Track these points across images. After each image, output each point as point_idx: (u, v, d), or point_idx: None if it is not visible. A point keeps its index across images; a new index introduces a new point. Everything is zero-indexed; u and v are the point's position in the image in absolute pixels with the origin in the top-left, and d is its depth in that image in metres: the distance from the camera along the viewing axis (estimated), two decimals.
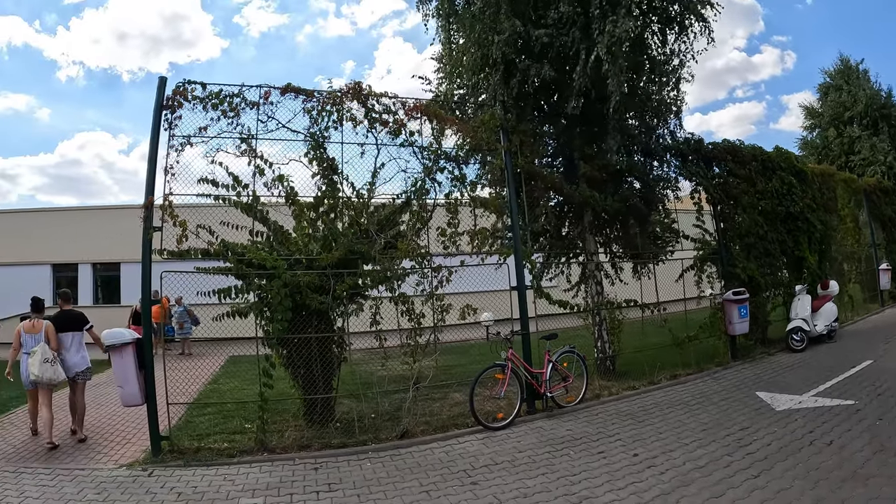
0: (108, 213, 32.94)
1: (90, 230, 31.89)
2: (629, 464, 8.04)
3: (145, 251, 9.69)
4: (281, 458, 9.24)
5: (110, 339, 9.63)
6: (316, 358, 10.24)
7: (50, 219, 33.44)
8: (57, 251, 32.34)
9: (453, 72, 14.80)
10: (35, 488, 8.28)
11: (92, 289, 32.60)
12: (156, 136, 9.91)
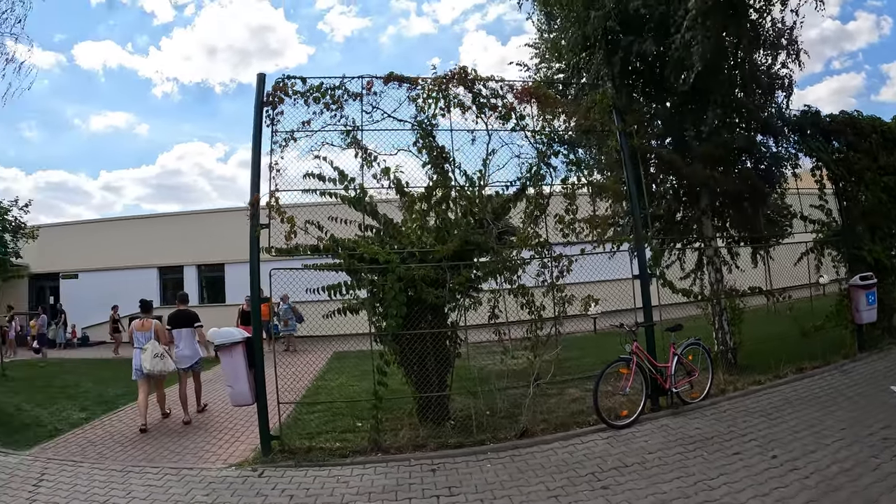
0: (211, 217, 34.29)
1: (194, 234, 33.04)
2: (769, 466, 7.31)
3: (253, 249, 9.50)
4: (395, 458, 8.78)
5: (220, 338, 9.43)
6: (430, 354, 9.75)
7: (155, 224, 34.80)
8: (163, 255, 33.52)
9: (552, 55, 14.29)
10: (142, 488, 8.10)
11: (197, 289, 33.03)
12: (258, 134, 9.67)
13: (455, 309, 10.09)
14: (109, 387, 16.91)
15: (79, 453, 10.13)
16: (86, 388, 16.87)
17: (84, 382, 18.05)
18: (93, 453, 10.11)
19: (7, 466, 9.45)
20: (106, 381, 18.30)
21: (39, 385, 18.03)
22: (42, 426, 12.18)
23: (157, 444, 10.60)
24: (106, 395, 15.72)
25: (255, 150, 9.59)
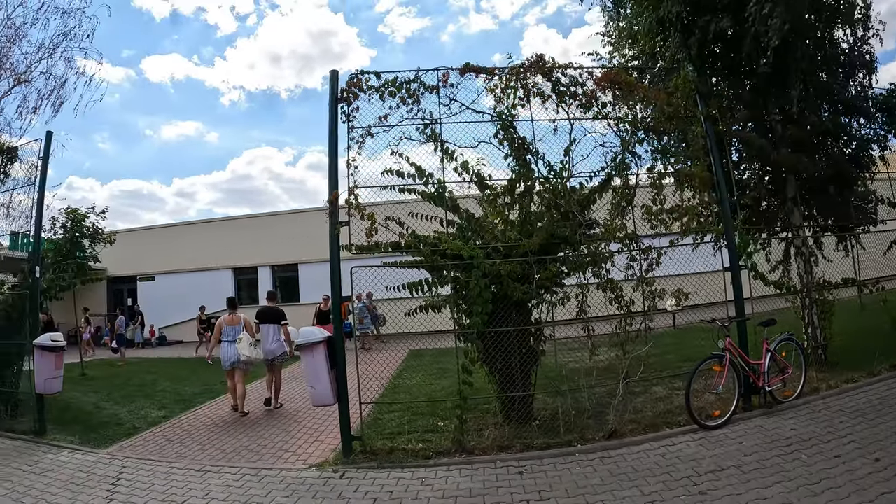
0: (284, 218, 34.85)
1: (268, 235, 33.56)
2: (872, 471, 6.72)
3: (333, 248, 9.20)
4: (481, 460, 8.39)
5: (302, 338, 9.28)
6: (514, 352, 9.32)
7: (229, 227, 35.59)
8: (238, 256, 34.24)
9: (624, 42, 13.98)
10: (221, 488, 7.96)
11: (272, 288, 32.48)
12: (334, 131, 9.43)
13: (538, 305, 9.66)
14: (187, 385, 17.05)
15: (157, 452, 10.08)
16: (163, 387, 16.93)
17: (161, 381, 18.16)
18: (171, 452, 10.04)
19: (85, 465, 9.41)
20: (183, 379, 18.50)
21: (118, 384, 18.16)
22: (120, 424, 12.18)
23: (236, 442, 10.47)
24: (183, 393, 15.76)
25: (332, 148, 9.38)
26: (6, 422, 12.26)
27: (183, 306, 34.10)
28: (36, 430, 11.42)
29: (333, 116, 9.42)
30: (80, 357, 21.72)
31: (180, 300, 34.32)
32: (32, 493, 8.09)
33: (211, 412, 13.28)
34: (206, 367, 21.15)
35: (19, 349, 12.61)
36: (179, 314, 34.77)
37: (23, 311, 12.54)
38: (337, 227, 9.12)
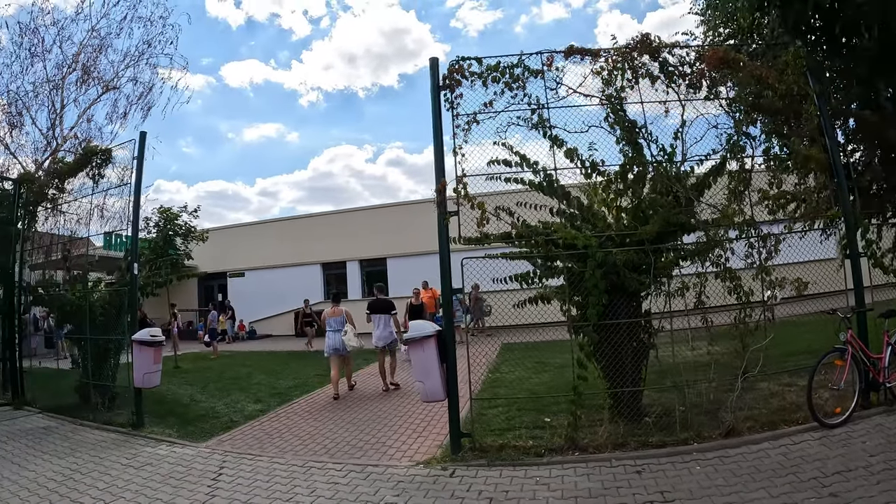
0: (372, 213, 34.88)
1: (355, 230, 33.71)
2: None
3: (442, 238, 8.84)
4: (595, 458, 7.87)
5: (412, 332, 8.96)
6: (626, 345, 8.83)
7: (317, 223, 35.96)
8: (326, 252, 34.57)
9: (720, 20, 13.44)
10: (326, 486, 7.64)
11: (360, 284, 33.80)
12: (438, 119, 9.10)
13: (652, 296, 9.14)
14: (281, 378, 17.00)
15: (257, 446, 9.89)
16: (258, 380, 16.90)
17: (255, 374, 18.16)
18: (271, 446, 9.84)
19: (184, 459, 9.27)
20: (276, 373, 18.44)
21: (211, 377, 18.24)
22: (217, 417, 12.11)
23: (337, 437, 10.21)
24: (278, 386, 15.66)
25: (437, 136, 9.05)
26: (104, 414, 12.27)
27: (272, 301, 35.01)
28: (133, 422, 11.37)
29: (436, 105, 9.08)
30: (173, 351, 22.01)
31: (270, 295, 35.03)
32: (132, 487, 7.93)
33: (308, 405, 13.11)
34: (298, 360, 21.44)
35: (117, 344, 12.70)
36: (269, 309, 35.55)
37: (120, 307, 12.53)
38: (446, 217, 8.79)
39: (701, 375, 9.08)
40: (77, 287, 13.90)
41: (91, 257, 15.14)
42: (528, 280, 8.85)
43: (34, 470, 8.92)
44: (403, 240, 31.99)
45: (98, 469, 8.82)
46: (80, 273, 14.63)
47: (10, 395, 14.64)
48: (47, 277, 15.26)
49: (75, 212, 14.44)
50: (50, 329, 23.93)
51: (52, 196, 15.01)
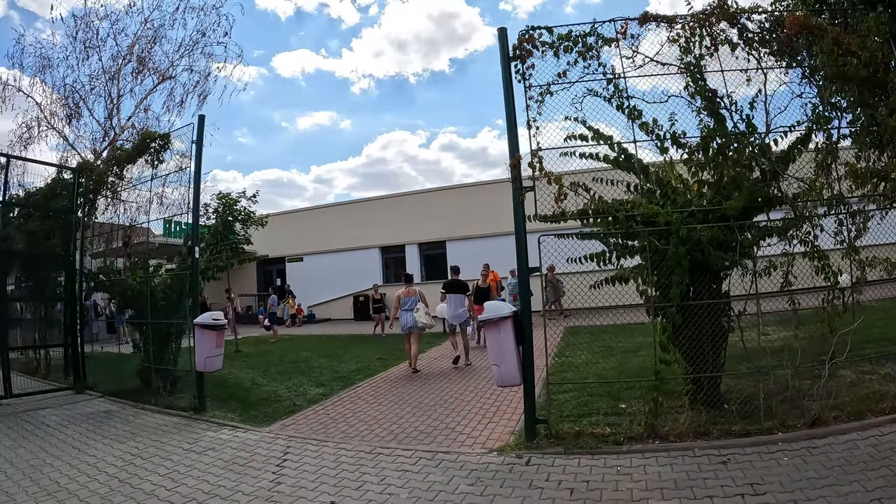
0: (431, 196, 34.75)
1: (414, 213, 33.62)
2: None
3: (518, 216, 8.40)
4: (677, 447, 7.37)
5: (488, 313, 8.42)
6: (706, 328, 8.24)
7: (375, 207, 35.91)
8: (385, 235, 34.48)
9: None
10: (396, 473, 7.29)
11: (419, 267, 33.50)
12: (509, 91, 8.60)
13: (737, 276, 8.51)
14: (342, 362, 16.77)
15: (321, 431, 9.61)
16: (318, 364, 16.69)
17: (316, 358, 17.95)
18: (336, 431, 9.55)
19: (247, 444, 9.03)
20: (337, 356, 18.21)
21: (272, 361, 18.12)
22: (279, 401, 11.88)
23: (404, 422, 9.89)
24: (340, 370, 15.43)
25: (509, 109, 8.59)
26: (165, 398, 12.22)
27: (330, 285, 35.27)
28: (195, 406, 11.23)
29: (507, 77, 8.59)
30: (233, 334, 21.97)
31: (328, 279, 35.28)
32: (194, 473, 7.72)
33: (372, 389, 12.83)
34: (359, 344, 21.32)
35: (178, 328, 12.66)
36: (327, 293, 35.71)
37: (181, 291, 12.51)
38: (522, 193, 8.33)
39: (777, 361, 8.46)
40: (138, 272, 13.86)
41: (151, 244, 15.10)
42: (605, 260, 8.38)
43: (94, 454, 8.77)
44: (463, 223, 31.81)
45: (159, 454, 8.64)
46: (140, 259, 14.54)
47: (72, 380, 14.69)
48: (108, 264, 15.20)
49: (135, 200, 14.45)
50: (112, 314, 24.14)
51: (111, 184, 15.05)
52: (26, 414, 11.88)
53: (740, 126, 8.41)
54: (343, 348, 20.57)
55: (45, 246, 15.35)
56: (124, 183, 14.71)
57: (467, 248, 31.01)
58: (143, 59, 23.36)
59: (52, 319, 16.03)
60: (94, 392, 13.94)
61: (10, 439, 9.91)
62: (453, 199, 33.36)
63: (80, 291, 15.10)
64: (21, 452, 9.05)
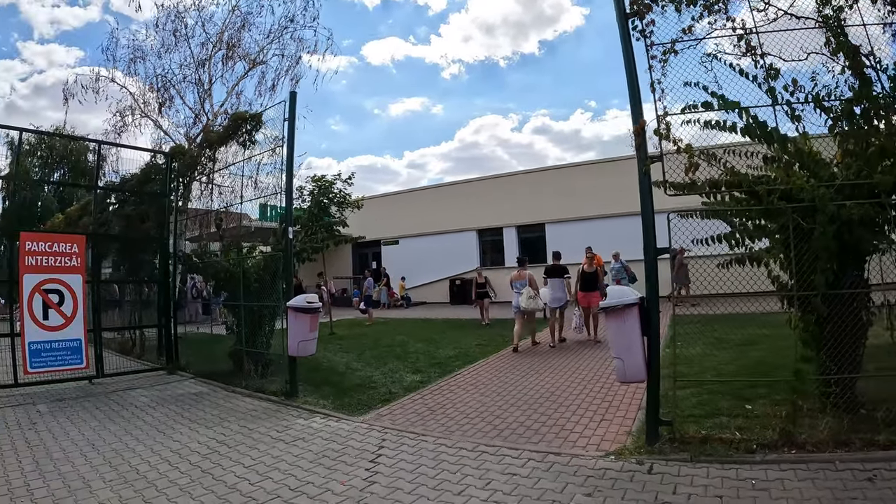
0: (529, 177, 33.72)
1: (512, 195, 32.95)
2: None
3: (644, 188, 7.51)
4: (815, 458, 6.29)
5: (612, 299, 7.48)
6: (847, 321, 7.06)
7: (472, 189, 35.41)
8: (482, 218, 34.09)
9: None
10: (502, 476, 6.52)
11: (516, 250, 32.36)
12: (628, 50, 7.66)
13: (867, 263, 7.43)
14: (439, 348, 16.19)
15: (419, 423, 8.96)
16: (415, 349, 16.13)
17: (412, 343, 17.41)
18: (435, 424, 8.88)
19: (339, 434, 8.48)
20: (434, 341, 17.62)
21: (367, 344, 17.70)
22: (374, 388, 11.34)
23: (508, 416, 9.12)
24: (437, 356, 14.80)
25: (629, 70, 7.63)
26: (256, 381, 11.89)
27: (426, 268, 35.23)
28: (286, 391, 10.84)
29: (625, 35, 7.68)
30: (328, 316, 21.67)
31: (424, 262, 35.21)
32: (281, 466, 7.18)
33: (472, 377, 12.14)
34: (456, 329, 20.76)
35: (271, 311, 12.47)
36: (423, 276, 35.59)
37: (275, 272, 12.19)
38: (647, 163, 7.43)
39: None
40: (231, 254, 13.62)
41: (246, 228, 14.82)
42: (738, 242, 7.43)
43: (179, 440, 8.41)
44: (563, 205, 30.89)
45: (246, 442, 8.20)
46: (234, 242, 14.25)
47: (165, 360, 14.69)
48: (202, 247, 14.87)
49: (230, 184, 14.18)
50: (208, 296, 24.20)
51: (203, 166, 14.99)
52: (116, 394, 11.81)
53: (888, 88, 7.31)
54: (440, 333, 19.92)
55: (139, 229, 15.36)
56: (216, 165, 14.47)
57: (568, 231, 29.94)
58: (233, 46, 23.29)
59: (148, 301, 16.22)
60: (185, 373, 13.88)
61: (97, 420, 9.68)
62: (554, 180, 32.15)
63: (174, 273, 15.06)
64: (105, 435, 8.75)
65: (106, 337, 14.73)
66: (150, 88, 22.89)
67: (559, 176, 32.30)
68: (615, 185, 25.99)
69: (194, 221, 16.14)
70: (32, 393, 11.77)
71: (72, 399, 11.34)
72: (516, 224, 33.72)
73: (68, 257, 12.31)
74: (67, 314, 12.17)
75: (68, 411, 10.31)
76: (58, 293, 12.07)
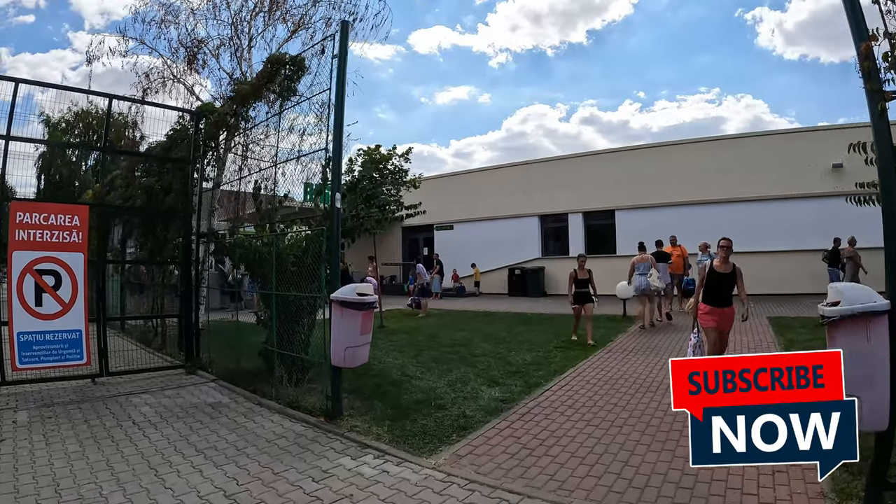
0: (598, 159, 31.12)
1: (578, 179, 30.52)
2: None
3: (882, 139, 4.93)
4: None
5: (846, 304, 4.72)
6: None
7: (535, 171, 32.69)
8: (545, 203, 31.69)
9: None
10: None
11: (582, 238, 30.64)
12: None
13: None
14: (511, 349, 13.23)
15: (518, 474, 6.12)
16: (482, 350, 13.19)
17: (477, 342, 14.46)
18: (541, 476, 6.05)
19: (404, 490, 5.75)
20: (502, 340, 14.74)
21: (423, 342, 14.87)
22: (443, 408, 8.51)
23: (639, 462, 6.33)
24: (513, 361, 11.88)
25: None
26: (289, 391, 9.28)
27: (483, 256, 33.04)
28: (327, 410, 8.11)
29: None
30: (379, 306, 18.95)
31: (480, 250, 33.00)
32: None
33: (567, 395, 9.23)
34: (523, 324, 18.13)
35: (311, 303, 9.56)
36: (479, 264, 33.41)
37: (318, 254, 9.03)
38: (883, 99, 4.84)
39: None
40: (264, 232, 10.81)
41: (289, 208, 12.00)
42: None
43: (172, 486, 5.85)
44: (635, 190, 28.26)
45: (266, 496, 5.58)
46: (266, 216, 11.52)
47: (185, 357, 12.24)
48: (235, 227, 12.60)
49: (269, 156, 11.43)
50: (234, 282, 21.73)
51: (234, 126, 12.37)
52: (117, 400, 9.46)
53: None
54: (506, 330, 16.93)
55: (163, 203, 13.00)
56: (249, 127, 11.90)
57: (640, 218, 27.33)
58: (275, 5, 20.90)
59: (171, 285, 13.85)
60: (206, 374, 11.42)
61: (79, 442, 7.25)
62: (625, 163, 29.02)
63: (197, 253, 12.54)
64: (79, 468, 6.33)
65: (129, 325, 13.85)
66: (182, 46, 20.40)
67: (630, 158, 29.28)
68: (692, 170, 25.48)
69: (231, 199, 13.50)
70: (21, 393, 9.68)
71: (62, 405, 9.03)
72: (583, 210, 30.56)
73: (68, 232, 9.99)
74: (65, 300, 9.89)
75: (50, 424, 7.94)
76: (54, 274, 9.81)
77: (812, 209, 22.89)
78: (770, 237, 23.74)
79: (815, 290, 20.14)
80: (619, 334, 15.30)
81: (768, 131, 28.59)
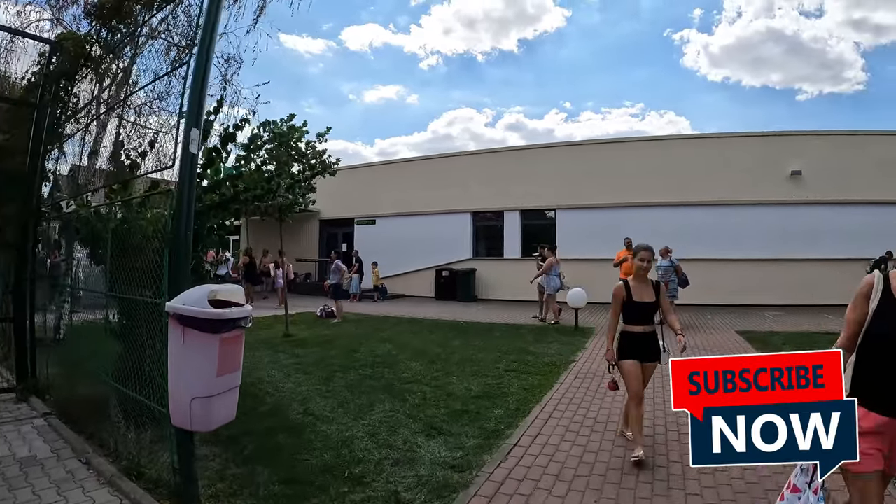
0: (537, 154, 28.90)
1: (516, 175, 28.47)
2: None
3: None
4: None
5: None
6: None
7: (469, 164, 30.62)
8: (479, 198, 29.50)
9: None
10: None
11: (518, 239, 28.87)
12: None
13: None
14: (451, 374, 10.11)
15: None
16: (412, 373, 10.06)
17: (403, 359, 11.36)
18: None
19: None
20: (438, 358, 11.56)
21: (337, 359, 11.48)
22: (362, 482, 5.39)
23: None
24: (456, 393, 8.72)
25: None
26: (128, 444, 5.86)
27: (407, 254, 30.12)
28: (177, 487, 4.79)
29: None
30: (284, 309, 15.99)
31: (405, 247, 30.14)
32: None
33: (547, 458, 6.02)
34: (459, 336, 14.94)
35: (151, 312, 5.80)
36: (403, 264, 30.33)
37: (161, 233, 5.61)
38: None
39: None
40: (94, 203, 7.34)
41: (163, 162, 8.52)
42: None
43: None
44: (579, 189, 26.15)
45: None
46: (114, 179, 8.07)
47: (16, 377, 8.67)
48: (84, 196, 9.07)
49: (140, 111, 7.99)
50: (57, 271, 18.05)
51: (97, 59, 8.73)
52: None
53: None
54: (440, 343, 13.65)
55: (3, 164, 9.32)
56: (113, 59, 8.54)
57: (581, 219, 25.73)
58: None
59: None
60: (40, 402, 7.86)
61: None
62: (570, 159, 26.91)
63: (34, 234, 9.02)
64: None
65: None
66: None
67: (577, 154, 27.29)
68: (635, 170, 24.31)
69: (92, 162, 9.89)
70: None
71: None
72: (521, 208, 28.11)
73: None
74: None
75: None
76: None
77: (772, 216, 22.35)
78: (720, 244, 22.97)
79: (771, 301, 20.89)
80: (579, 351, 12.42)
81: (729, 133, 26.76)
